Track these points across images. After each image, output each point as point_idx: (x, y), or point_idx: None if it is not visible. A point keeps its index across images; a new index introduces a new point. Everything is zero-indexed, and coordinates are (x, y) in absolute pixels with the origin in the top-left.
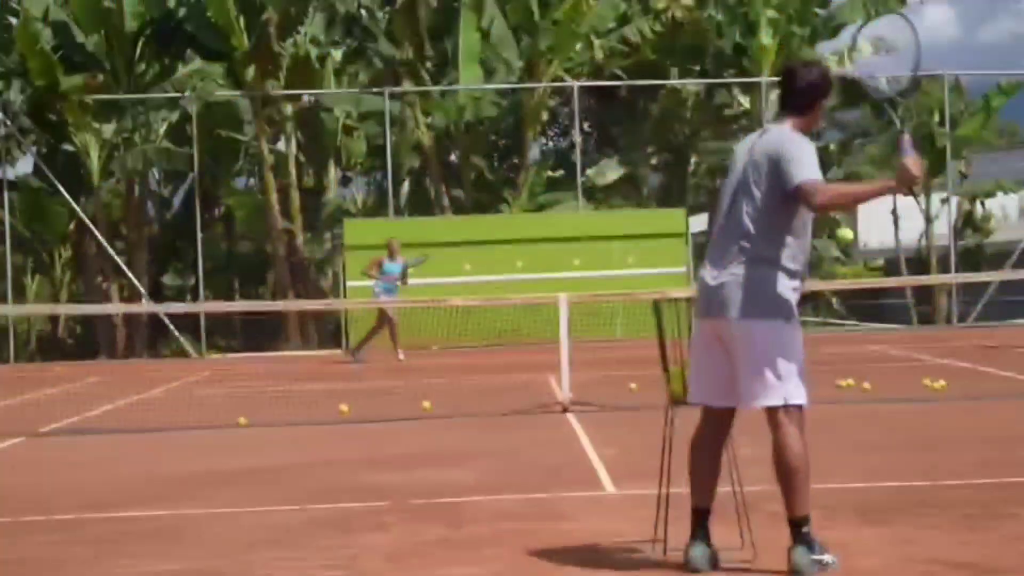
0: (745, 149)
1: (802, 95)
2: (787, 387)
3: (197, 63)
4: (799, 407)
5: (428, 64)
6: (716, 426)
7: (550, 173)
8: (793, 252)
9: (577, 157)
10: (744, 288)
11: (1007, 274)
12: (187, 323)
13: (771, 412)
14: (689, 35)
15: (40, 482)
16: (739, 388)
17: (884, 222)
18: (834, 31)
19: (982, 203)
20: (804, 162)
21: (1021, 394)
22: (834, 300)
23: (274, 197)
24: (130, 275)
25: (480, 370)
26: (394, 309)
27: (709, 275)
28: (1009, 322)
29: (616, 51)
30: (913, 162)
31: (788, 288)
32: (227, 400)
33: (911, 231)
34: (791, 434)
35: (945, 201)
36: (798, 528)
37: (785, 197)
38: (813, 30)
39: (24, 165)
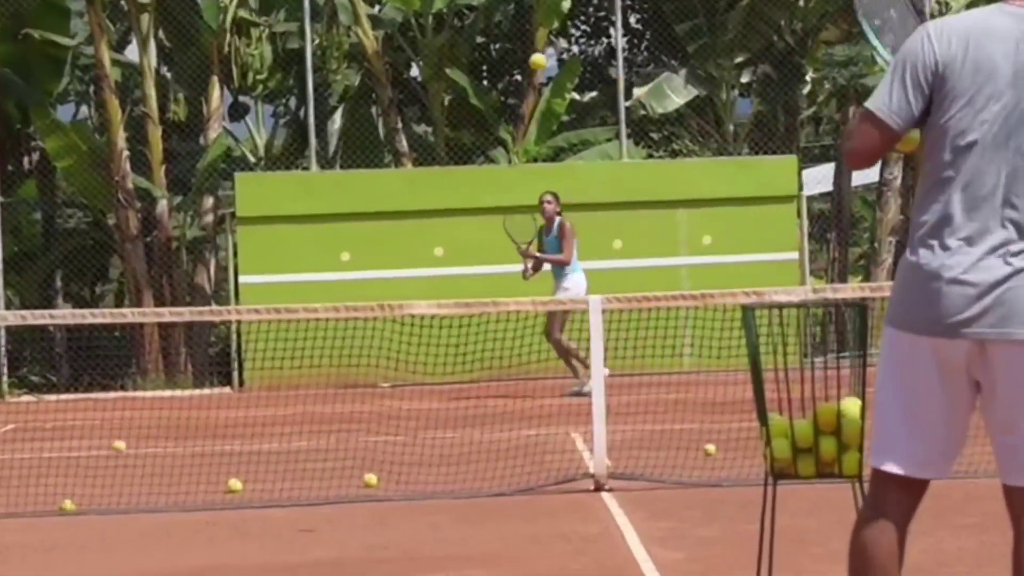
0: (1009, 44)
1: None
2: None
3: None
4: None
5: None
6: (909, 504)
7: (575, 96)
8: None
9: (619, 70)
10: None
11: None
12: None
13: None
14: None
15: None
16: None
17: None
18: None
19: None
20: None
21: None
22: None
23: (121, 137)
24: None
25: (459, 421)
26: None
27: (973, 265)
28: None
29: None
30: None
31: None
32: (42, 470)
33: None
34: None
35: None
36: None
37: None
38: None
39: None
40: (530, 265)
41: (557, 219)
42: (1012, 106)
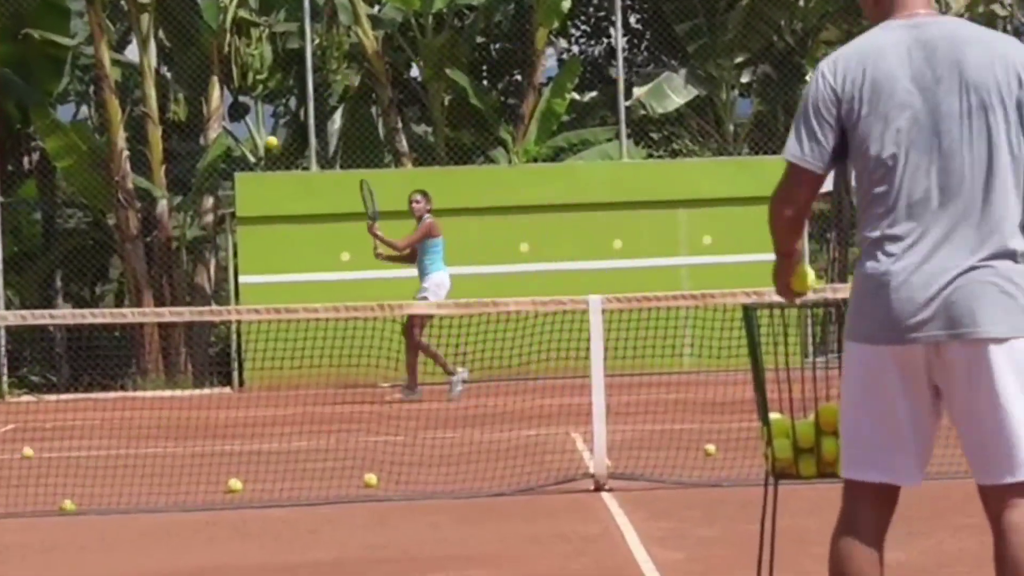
0: (925, 56)
1: None
2: None
3: None
4: None
5: None
6: (883, 514)
7: (575, 96)
8: None
9: (619, 70)
10: (1007, 292)
11: None
12: None
13: (1006, 489)
14: None
15: None
16: (993, 452)
17: None
18: None
19: None
20: None
21: None
22: None
23: (121, 137)
24: None
25: (459, 421)
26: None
27: (918, 268)
28: None
29: None
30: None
31: None
32: (43, 470)
33: None
34: None
35: None
36: None
37: None
38: None
39: None
40: (379, 247)
41: (425, 217)
42: (922, 109)
